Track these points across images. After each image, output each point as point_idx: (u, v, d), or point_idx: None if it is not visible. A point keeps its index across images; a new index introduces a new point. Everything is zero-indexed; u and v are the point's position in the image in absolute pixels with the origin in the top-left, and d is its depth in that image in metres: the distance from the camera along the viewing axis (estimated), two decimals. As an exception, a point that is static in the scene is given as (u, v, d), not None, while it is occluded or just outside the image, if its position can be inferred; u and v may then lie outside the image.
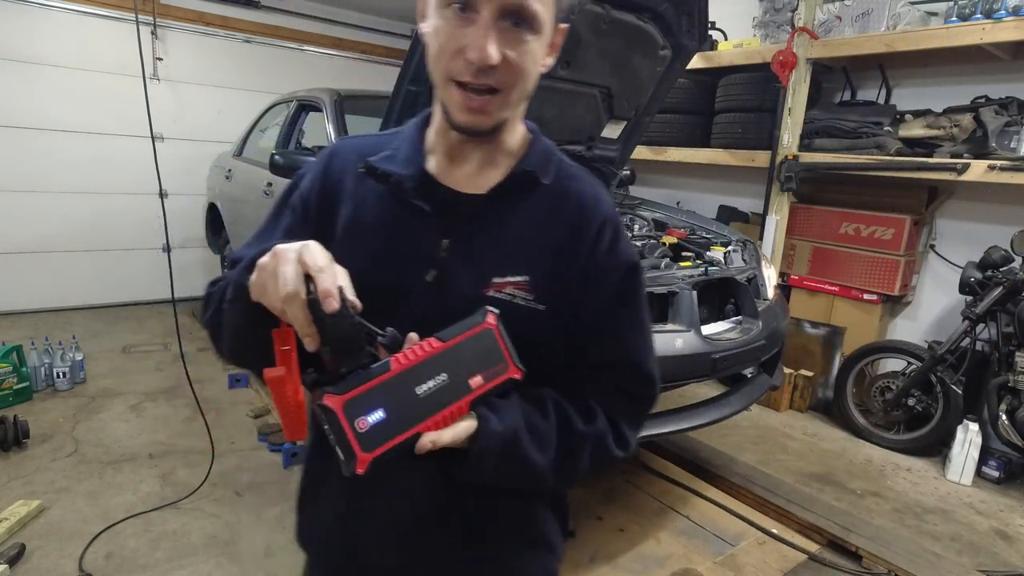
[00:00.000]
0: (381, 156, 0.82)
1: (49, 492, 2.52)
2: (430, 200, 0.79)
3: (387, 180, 0.80)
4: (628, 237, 0.88)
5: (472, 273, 0.78)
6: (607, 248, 0.81)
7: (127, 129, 4.99)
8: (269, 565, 2.16)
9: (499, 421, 0.72)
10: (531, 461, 0.76)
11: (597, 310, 0.81)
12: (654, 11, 2.49)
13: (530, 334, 0.77)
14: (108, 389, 3.57)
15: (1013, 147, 3.09)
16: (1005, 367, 3.03)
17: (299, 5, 5.73)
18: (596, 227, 0.81)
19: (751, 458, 3.13)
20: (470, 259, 0.78)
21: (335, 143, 0.90)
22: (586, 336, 0.82)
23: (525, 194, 0.81)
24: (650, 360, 0.87)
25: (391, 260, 0.80)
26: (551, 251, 0.79)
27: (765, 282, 2.52)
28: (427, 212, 0.79)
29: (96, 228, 5.10)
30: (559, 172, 0.83)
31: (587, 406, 0.81)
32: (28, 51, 4.59)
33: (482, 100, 0.71)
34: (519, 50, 0.70)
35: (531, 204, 0.80)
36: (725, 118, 4.22)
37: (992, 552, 2.54)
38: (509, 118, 0.78)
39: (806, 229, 4.02)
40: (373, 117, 2.95)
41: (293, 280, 0.62)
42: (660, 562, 2.20)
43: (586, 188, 0.84)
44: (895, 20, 3.42)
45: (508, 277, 0.77)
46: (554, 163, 0.83)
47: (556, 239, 0.79)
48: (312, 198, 0.84)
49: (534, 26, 0.70)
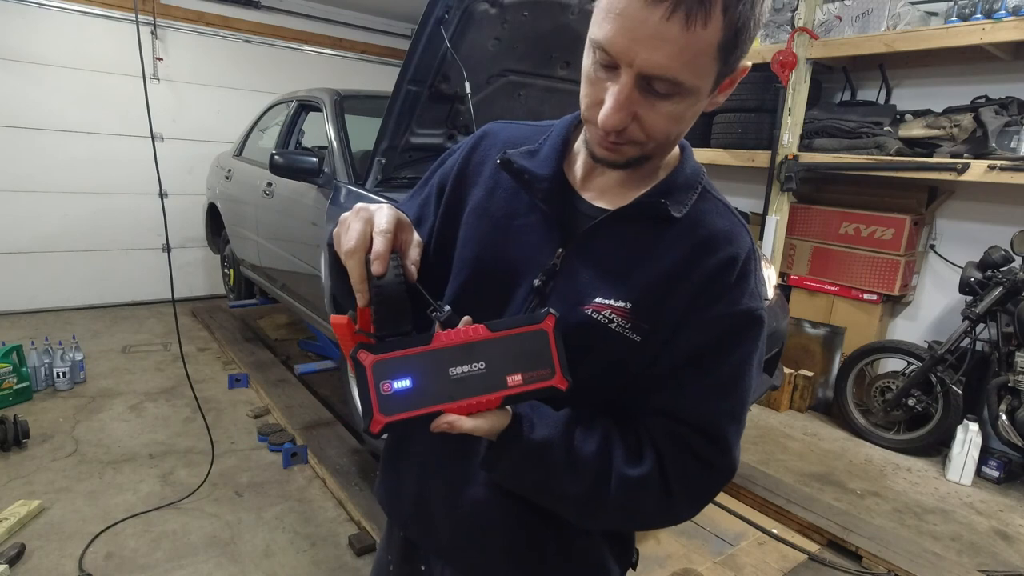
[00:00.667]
0: (522, 150, 0.80)
1: (49, 492, 2.52)
2: (557, 206, 0.77)
3: (520, 176, 0.78)
4: (762, 286, 0.78)
5: (577, 288, 0.74)
6: (726, 291, 0.72)
7: (127, 129, 4.99)
8: (269, 565, 2.16)
9: (535, 428, 0.69)
10: (555, 482, 0.71)
11: (690, 353, 0.73)
12: (654, 11, 2.49)
13: (618, 362, 0.74)
14: (108, 389, 3.57)
15: (1013, 147, 3.10)
16: (1005, 367, 3.04)
17: (299, 5, 5.72)
18: (719, 264, 0.72)
19: (751, 458, 3.13)
20: (580, 273, 0.75)
21: (489, 125, 0.89)
22: (668, 377, 0.74)
23: (655, 221, 0.74)
24: (733, 429, 0.75)
25: (504, 254, 0.78)
26: (663, 281, 0.73)
27: (765, 282, 2.52)
28: (550, 217, 0.77)
29: (96, 228, 5.09)
30: (699, 201, 0.76)
31: (639, 446, 0.73)
32: (28, 51, 4.59)
33: (617, 145, 0.69)
34: (657, 113, 0.65)
35: (657, 230, 0.74)
36: (725, 118, 4.22)
37: (992, 552, 2.54)
38: (656, 156, 0.73)
39: (806, 229, 4.02)
40: (373, 117, 2.95)
41: (356, 237, 0.65)
42: (660, 562, 2.20)
43: (723, 222, 0.76)
44: (895, 20, 3.42)
45: (610, 300, 0.73)
46: (695, 192, 0.77)
47: (670, 270, 0.73)
48: (451, 177, 0.85)
49: (677, 91, 0.64)
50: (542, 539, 0.81)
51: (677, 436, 0.73)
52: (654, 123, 0.66)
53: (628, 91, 0.63)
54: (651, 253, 0.74)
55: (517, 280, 0.77)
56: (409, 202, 0.90)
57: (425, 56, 2.12)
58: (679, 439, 0.73)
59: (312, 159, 2.90)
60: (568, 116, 0.83)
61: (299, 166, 2.88)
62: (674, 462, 0.72)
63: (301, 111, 3.76)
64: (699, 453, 0.73)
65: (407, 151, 2.43)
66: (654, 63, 0.61)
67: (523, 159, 0.78)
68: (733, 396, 0.74)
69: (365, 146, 2.91)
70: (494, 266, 0.78)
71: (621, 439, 0.73)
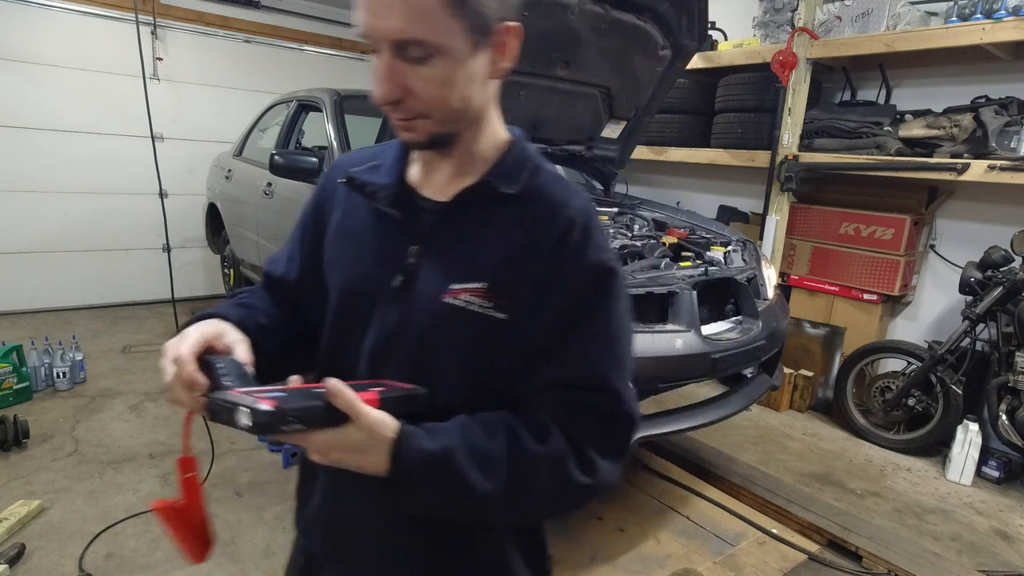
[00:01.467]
0: (365, 167, 0.86)
1: (49, 492, 2.52)
2: (401, 208, 0.82)
3: (363, 190, 0.84)
4: (606, 239, 0.81)
5: (435, 279, 0.78)
6: (573, 251, 0.76)
7: (127, 129, 4.99)
8: (269, 565, 2.16)
9: (429, 439, 0.68)
10: (471, 486, 0.68)
11: (557, 319, 0.75)
12: (654, 11, 2.49)
13: (490, 345, 0.76)
14: (108, 389, 3.57)
15: (1013, 147, 3.09)
16: (1005, 367, 3.03)
17: (299, 5, 5.72)
18: (560, 229, 0.76)
19: (751, 458, 3.13)
20: (434, 266, 0.78)
21: (337, 159, 0.98)
22: (545, 348, 0.76)
23: (490, 202, 0.78)
24: (618, 377, 0.76)
25: (366, 265, 0.83)
26: (513, 256, 0.76)
27: (765, 282, 2.52)
28: (397, 219, 0.82)
29: (96, 228, 5.10)
30: (532, 178, 0.80)
31: (541, 425, 0.73)
32: (28, 51, 4.59)
33: (407, 123, 0.74)
34: (423, 80, 0.70)
35: (496, 211, 0.79)
36: (725, 118, 4.22)
37: (992, 552, 2.54)
38: (458, 131, 0.77)
39: (806, 229, 4.02)
40: (373, 117, 2.95)
41: (167, 378, 0.74)
42: (660, 562, 2.20)
43: (556, 189, 0.80)
44: (895, 20, 3.42)
45: (466, 283, 0.76)
46: (527, 170, 0.80)
47: (516, 245, 0.76)
48: (310, 211, 0.94)
49: (428, 52, 0.68)
50: (449, 559, 0.82)
51: (571, 402, 0.74)
52: (425, 89, 0.70)
53: (388, 63, 0.69)
54: (496, 233, 0.78)
55: (381, 285, 0.80)
56: (290, 244, 0.97)
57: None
58: (574, 404, 0.74)
59: (312, 159, 2.90)
60: None
61: (299, 166, 2.88)
62: (578, 427, 0.74)
63: (301, 111, 3.76)
64: (597, 410, 0.75)
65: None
66: (392, 28, 0.67)
67: (366, 174, 0.85)
68: (611, 347, 0.77)
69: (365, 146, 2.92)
70: (360, 280, 0.83)
71: (523, 424, 0.73)
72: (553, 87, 2.54)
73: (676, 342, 1.92)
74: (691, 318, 1.99)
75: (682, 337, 1.94)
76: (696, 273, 2.19)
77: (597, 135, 2.98)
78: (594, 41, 2.45)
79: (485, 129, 0.80)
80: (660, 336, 1.91)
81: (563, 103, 2.68)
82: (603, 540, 2.30)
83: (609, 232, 2.39)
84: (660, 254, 2.36)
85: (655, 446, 3.01)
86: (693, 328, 1.98)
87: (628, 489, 2.68)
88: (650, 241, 2.45)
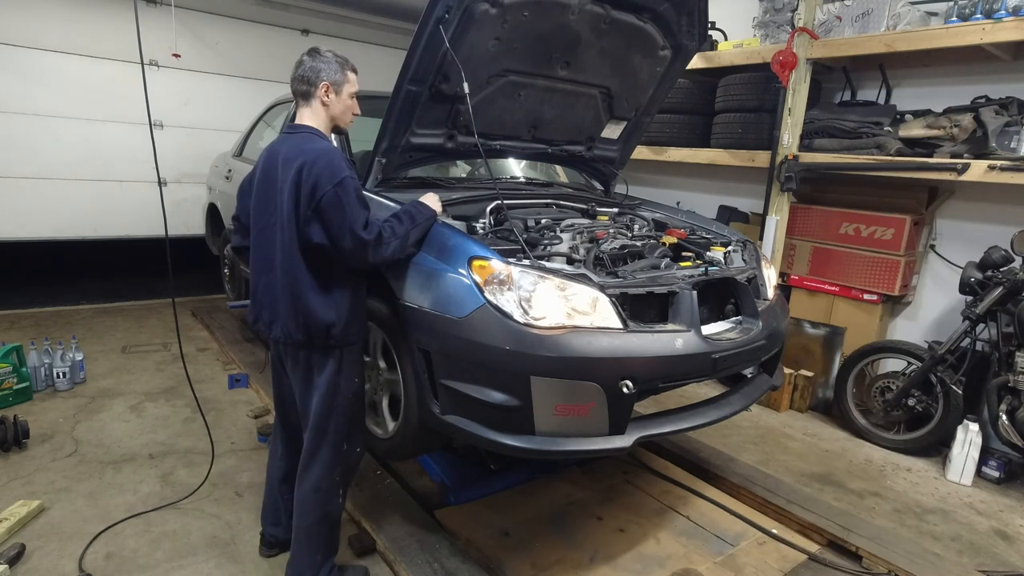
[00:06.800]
0: None
1: (49, 492, 2.52)
2: None
3: None
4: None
5: None
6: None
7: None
8: (269, 565, 2.16)
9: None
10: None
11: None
12: (654, 11, 2.49)
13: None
14: (108, 389, 3.57)
15: (1013, 147, 3.09)
16: (1005, 367, 3.03)
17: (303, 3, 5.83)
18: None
19: (751, 458, 3.13)
20: None
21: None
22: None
23: None
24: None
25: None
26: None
27: (765, 282, 2.52)
28: None
29: (91, 158, 5.29)
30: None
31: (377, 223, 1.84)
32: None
33: None
34: None
35: None
36: (725, 118, 4.22)
37: (992, 552, 2.54)
38: None
39: (806, 229, 4.02)
40: (373, 117, 2.95)
41: None
42: (660, 562, 2.20)
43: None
44: (895, 20, 3.42)
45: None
46: None
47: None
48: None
49: None
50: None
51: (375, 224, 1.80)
52: None
53: None
54: None
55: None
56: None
57: (425, 56, 2.12)
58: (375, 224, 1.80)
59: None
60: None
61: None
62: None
63: (301, 111, 3.75)
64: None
65: (407, 151, 2.43)
66: None
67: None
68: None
69: (365, 146, 2.91)
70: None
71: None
72: (553, 87, 2.54)
73: (676, 342, 1.91)
74: (691, 318, 1.99)
75: (682, 337, 1.94)
76: (696, 273, 2.19)
77: (597, 135, 2.98)
78: (594, 41, 2.45)
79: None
80: (660, 336, 1.91)
81: (563, 103, 2.67)
82: (603, 540, 2.30)
83: (610, 232, 2.40)
84: (660, 254, 2.36)
85: (655, 446, 3.01)
86: (693, 328, 1.98)
87: (628, 489, 2.68)
88: (650, 241, 2.45)
